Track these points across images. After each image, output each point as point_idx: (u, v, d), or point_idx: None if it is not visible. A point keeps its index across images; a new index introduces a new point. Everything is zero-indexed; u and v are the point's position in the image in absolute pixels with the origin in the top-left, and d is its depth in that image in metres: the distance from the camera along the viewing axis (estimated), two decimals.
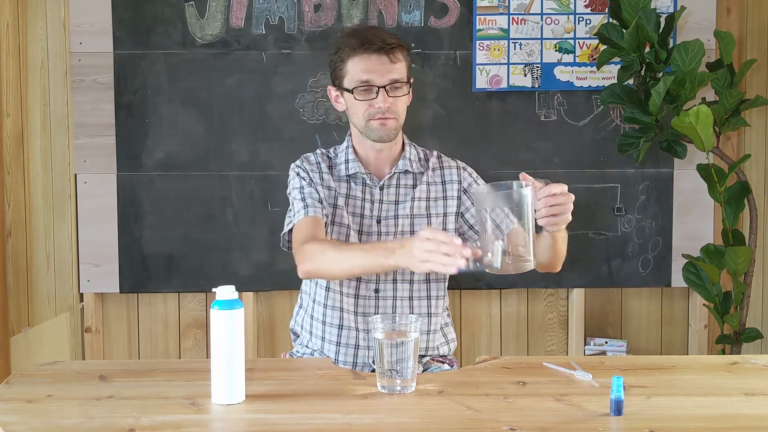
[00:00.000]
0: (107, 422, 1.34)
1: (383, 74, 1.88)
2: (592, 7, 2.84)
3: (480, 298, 3.01)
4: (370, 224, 1.97)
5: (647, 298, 3.04)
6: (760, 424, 1.35)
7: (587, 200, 2.89)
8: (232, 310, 1.43)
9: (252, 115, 2.84)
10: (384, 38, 1.88)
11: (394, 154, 2.00)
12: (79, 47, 2.79)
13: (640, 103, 2.63)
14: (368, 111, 1.90)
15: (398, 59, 1.90)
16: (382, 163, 2.00)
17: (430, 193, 2.00)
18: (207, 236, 2.85)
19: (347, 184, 1.99)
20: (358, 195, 1.98)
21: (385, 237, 1.96)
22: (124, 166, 2.83)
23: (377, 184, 1.98)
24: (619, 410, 1.36)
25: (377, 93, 1.88)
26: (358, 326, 1.96)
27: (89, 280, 2.85)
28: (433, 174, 2.02)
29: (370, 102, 1.89)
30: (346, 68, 1.91)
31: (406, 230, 1.97)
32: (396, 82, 1.89)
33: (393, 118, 1.91)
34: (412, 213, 1.97)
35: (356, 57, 1.88)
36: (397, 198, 1.99)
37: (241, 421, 1.37)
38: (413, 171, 2.00)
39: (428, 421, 1.36)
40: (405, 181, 2.00)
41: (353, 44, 1.88)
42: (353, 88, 1.90)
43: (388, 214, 1.98)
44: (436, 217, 1.99)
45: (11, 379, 1.58)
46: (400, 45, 1.91)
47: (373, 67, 1.87)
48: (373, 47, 1.86)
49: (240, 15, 2.81)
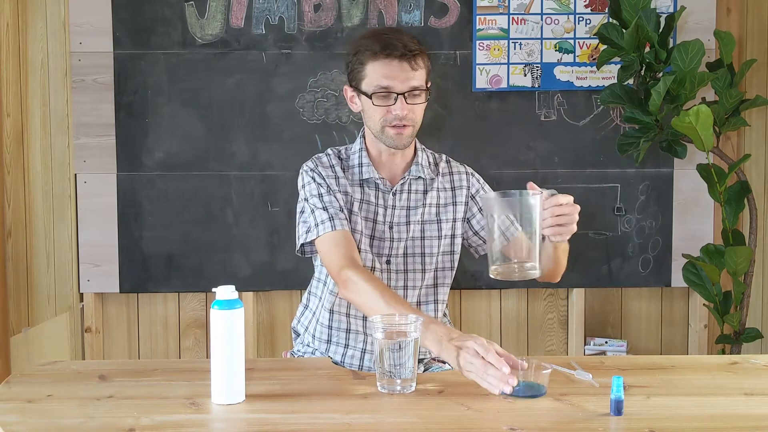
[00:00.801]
0: (107, 422, 1.34)
1: (403, 81, 1.83)
2: (592, 7, 2.84)
3: (480, 298, 3.01)
4: (383, 230, 1.95)
5: (647, 298, 3.05)
6: (760, 424, 1.35)
7: (587, 200, 2.89)
8: (232, 310, 1.43)
9: (252, 115, 2.84)
10: (406, 44, 1.84)
11: (407, 159, 1.98)
12: (79, 47, 2.79)
13: (640, 103, 2.63)
14: (385, 117, 1.86)
15: (419, 66, 1.86)
16: (395, 167, 1.97)
17: (440, 199, 1.99)
18: (207, 236, 2.85)
19: (361, 188, 1.96)
20: (372, 200, 1.95)
21: (396, 243, 1.94)
22: (124, 166, 2.83)
23: (390, 189, 1.96)
24: (619, 410, 1.36)
25: (396, 100, 1.84)
26: (366, 330, 1.95)
27: (89, 280, 2.85)
28: (443, 180, 2.00)
29: (388, 108, 1.85)
30: (365, 71, 1.86)
31: (417, 236, 1.95)
32: (415, 89, 1.85)
33: (410, 126, 1.88)
34: (422, 219, 1.96)
35: (377, 62, 1.84)
36: (408, 204, 1.97)
37: (241, 421, 1.37)
38: (425, 177, 1.98)
39: (428, 421, 1.36)
40: (416, 187, 1.98)
41: (375, 48, 1.84)
42: (372, 93, 1.85)
43: (400, 219, 1.96)
44: (446, 222, 1.98)
45: (11, 379, 1.58)
46: (422, 51, 1.87)
47: (393, 73, 1.83)
48: (395, 53, 1.82)
49: (240, 15, 2.81)
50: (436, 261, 1.97)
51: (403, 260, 1.96)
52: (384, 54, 1.83)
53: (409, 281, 1.96)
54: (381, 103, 1.86)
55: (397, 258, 1.95)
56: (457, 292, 2.98)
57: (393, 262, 1.95)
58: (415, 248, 1.96)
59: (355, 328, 1.96)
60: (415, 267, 1.96)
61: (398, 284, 1.95)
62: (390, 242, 1.95)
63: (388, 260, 1.95)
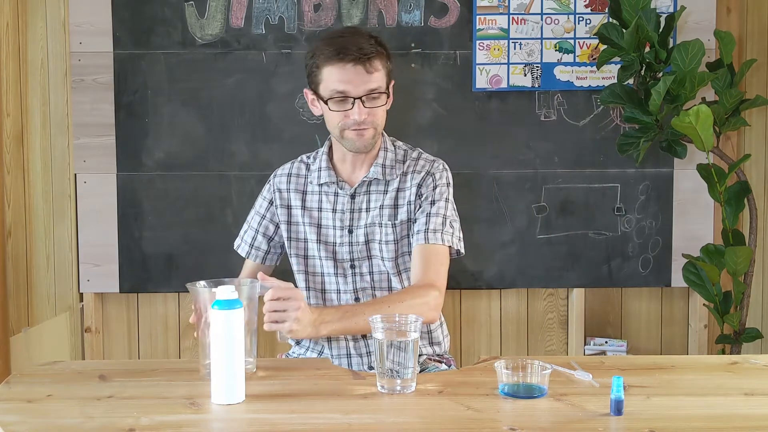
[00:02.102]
0: (107, 422, 1.34)
1: (359, 85, 1.80)
2: (592, 7, 2.84)
3: (480, 298, 3.01)
4: (342, 234, 1.94)
5: (647, 298, 3.04)
6: (760, 424, 1.35)
7: (587, 200, 2.89)
8: (232, 310, 1.43)
9: (252, 115, 2.84)
10: (361, 46, 1.80)
11: (370, 158, 1.95)
12: (79, 47, 2.79)
13: (640, 103, 2.63)
14: (344, 122, 1.84)
15: (376, 68, 1.82)
16: (357, 168, 1.95)
17: (398, 200, 1.94)
18: (207, 236, 2.85)
19: (318, 195, 1.96)
20: (328, 207, 1.95)
21: (355, 246, 1.93)
22: (124, 166, 2.83)
23: (348, 192, 1.94)
24: (619, 410, 1.36)
25: (353, 104, 1.82)
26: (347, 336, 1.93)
27: (89, 280, 2.85)
28: (404, 179, 1.95)
29: (345, 113, 1.83)
30: (321, 75, 1.83)
31: (376, 238, 1.93)
32: (373, 92, 1.82)
33: (370, 128, 1.85)
34: (380, 221, 1.93)
35: (331, 66, 1.81)
36: (367, 205, 1.94)
37: (241, 421, 1.37)
38: (383, 179, 1.93)
39: (428, 421, 1.36)
40: (376, 187, 1.95)
41: (328, 52, 1.81)
42: (328, 98, 1.83)
43: (359, 222, 1.94)
44: (400, 225, 1.93)
45: (11, 379, 1.58)
46: (379, 52, 1.83)
47: (348, 77, 1.80)
48: (348, 57, 1.79)
49: (240, 15, 2.80)
50: (395, 264, 1.94)
51: (368, 263, 1.94)
52: (338, 58, 1.80)
53: (376, 283, 1.95)
54: (338, 107, 1.83)
55: (361, 261, 1.94)
56: (457, 292, 2.97)
57: (357, 265, 1.94)
58: (374, 250, 1.94)
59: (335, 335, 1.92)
60: (380, 269, 1.95)
61: (365, 286, 1.94)
62: (350, 246, 1.93)
63: (352, 264, 1.94)
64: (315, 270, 1.97)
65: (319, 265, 1.96)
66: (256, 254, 2.05)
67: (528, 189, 2.89)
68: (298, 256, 1.98)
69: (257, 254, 2.06)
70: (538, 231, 2.89)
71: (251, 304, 1.57)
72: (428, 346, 2.01)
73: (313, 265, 1.98)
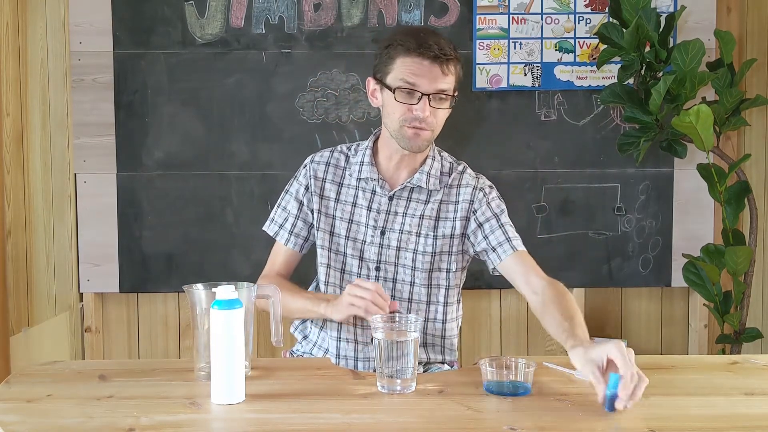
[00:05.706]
0: (107, 422, 1.34)
1: (431, 82, 1.78)
2: (592, 7, 2.84)
3: (480, 298, 3.01)
4: (373, 234, 1.90)
5: (647, 297, 3.05)
6: (760, 424, 1.35)
7: (587, 200, 2.89)
8: (232, 310, 1.43)
9: (252, 114, 2.84)
10: (442, 47, 1.79)
11: (416, 163, 1.91)
12: (79, 47, 2.79)
13: (641, 103, 2.63)
14: (405, 116, 1.80)
15: (450, 72, 1.81)
16: (401, 170, 1.91)
17: (441, 212, 1.91)
18: (207, 236, 2.85)
19: (355, 190, 1.92)
20: (364, 203, 1.91)
21: (386, 250, 1.90)
22: (124, 165, 2.83)
23: (387, 193, 1.91)
24: (612, 406, 1.37)
25: (419, 99, 1.79)
26: (358, 338, 1.92)
27: (89, 279, 2.85)
28: (448, 192, 1.92)
29: (409, 107, 1.80)
30: (393, 65, 1.80)
31: (408, 247, 1.90)
32: (442, 93, 1.80)
33: (428, 130, 1.82)
34: (418, 231, 1.90)
35: (408, 58, 1.78)
36: (405, 210, 1.91)
37: (241, 421, 1.37)
38: (425, 187, 1.90)
39: (428, 421, 1.36)
40: (418, 195, 1.91)
41: (409, 44, 1.78)
42: (396, 87, 1.80)
43: (393, 226, 1.90)
44: (440, 238, 1.91)
45: (11, 379, 1.58)
46: (456, 58, 1.82)
47: (422, 72, 1.78)
48: (429, 53, 1.77)
49: (240, 14, 2.80)
50: (427, 277, 1.92)
51: (393, 269, 1.91)
52: (417, 52, 1.78)
53: (397, 292, 1.91)
54: (404, 99, 1.80)
55: (387, 266, 1.91)
56: None
57: (382, 269, 1.91)
58: (405, 259, 1.91)
59: (345, 336, 1.92)
60: (404, 278, 1.91)
61: (386, 284, 1.91)
62: (379, 248, 1.90)
63: (378, 266, 1.91)
64: (338, 266, 1.94)
65: (346, 262, 1.92)
66: (295, 241, 1.98)
67: (528, 189, 2.89)
68: (323, 248, 1.94)
69: (297, 242, 1.98)
70: (539, 231, 2.89)
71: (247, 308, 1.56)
72: (439, 354, 1.98)
73: (337, 260, 1.93)
